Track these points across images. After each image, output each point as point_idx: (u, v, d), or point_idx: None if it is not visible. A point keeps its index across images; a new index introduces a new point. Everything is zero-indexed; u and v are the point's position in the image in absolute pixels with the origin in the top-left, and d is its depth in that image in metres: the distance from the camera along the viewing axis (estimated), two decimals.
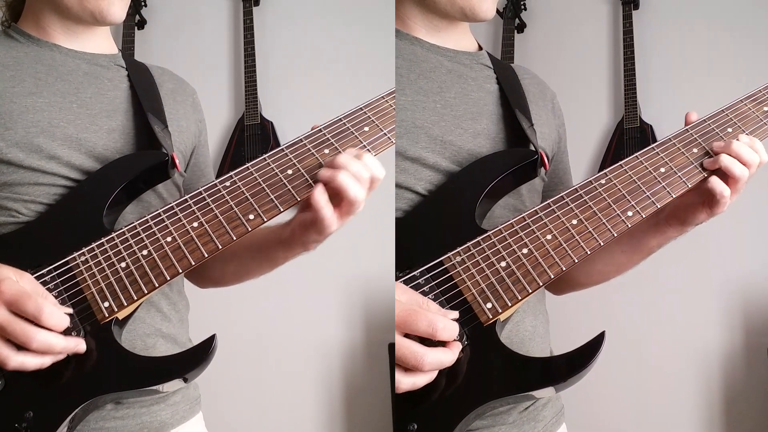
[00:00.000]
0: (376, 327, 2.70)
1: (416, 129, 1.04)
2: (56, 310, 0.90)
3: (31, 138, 1.02)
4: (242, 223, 0.98)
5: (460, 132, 1.07)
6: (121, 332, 0.96)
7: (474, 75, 1.14)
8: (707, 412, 2.60)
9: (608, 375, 2.57)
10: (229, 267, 1.21)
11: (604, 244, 0.97)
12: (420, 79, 1.08)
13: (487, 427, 1.00)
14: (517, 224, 0.99)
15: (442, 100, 1.08)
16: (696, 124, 1.06)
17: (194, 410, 1.15)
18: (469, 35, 1.18)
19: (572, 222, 0.98)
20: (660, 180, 1.01)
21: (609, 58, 2.89)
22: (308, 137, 1.04)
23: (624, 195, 1.00)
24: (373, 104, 1.06)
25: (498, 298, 0.93)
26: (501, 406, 0.97)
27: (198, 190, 1.02)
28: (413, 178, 1.03)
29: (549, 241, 0.97)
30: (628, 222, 0.98)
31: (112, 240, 0.98)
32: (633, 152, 1.05)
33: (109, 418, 1.01)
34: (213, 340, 0.94)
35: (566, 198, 1.00)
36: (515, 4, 2.92)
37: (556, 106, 1.24)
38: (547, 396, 1.07)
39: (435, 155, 1.04)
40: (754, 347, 2.56)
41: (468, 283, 0.94)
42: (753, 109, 1.08)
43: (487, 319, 0.93)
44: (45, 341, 0.88)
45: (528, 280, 0.95)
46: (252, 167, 1.02)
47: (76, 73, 1.11)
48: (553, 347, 1.15)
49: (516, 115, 1.11)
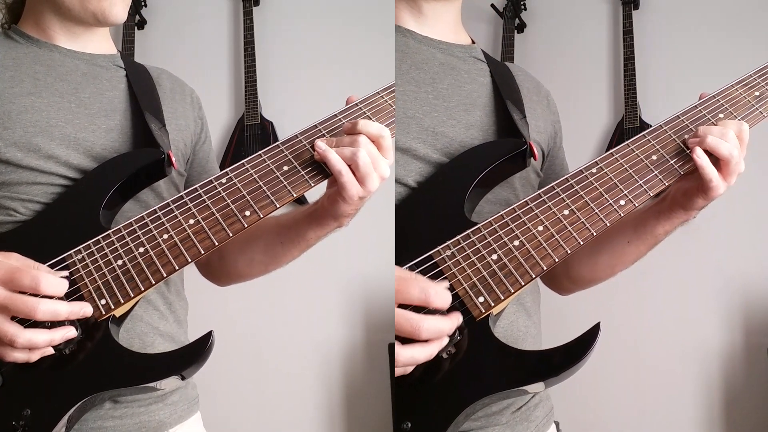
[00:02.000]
0: (376, 327, 2.70)
1: (407, 119, 1.03)
2: (52, 276, 0.90)
3: (29, 137, 1.02)
4: (238, 219, 0.98)
5: (453, 123, 1.06)
6: (118, 330, 0.97)
7: (467, 68, 1.13)
8: (707, 412, 2.60)
9: (608, 375, 2.57)
10: (256, 255, 1.18)
11: (597, 234, 0.95)
12: (412, 69, 1.08)
13: (481, 428, 0.99)
14: (508, 216, 0.96)
15: (435, 91, 1.08)
16: (687, 110, 1.04)
17: (192, 410, 1.15)
18: (461, 30, 1.18)
19: (564, 212, 0.96)
20: (652, 168, 0.99)
21: (609, 58, 2.89)
22: (303, 133, 1.04)
23: (616, 184, 0.97)
24: (368, 100, 1.06)
25: (490, 292, 0.91)
26: (495, 402, 0.95)
27: (194, 186, 1.02)
28: (403, 169, 1.02)
29: (541, 233, 0.94)
30: (620, 211, 0.96)
31: (109, 237, 0.98)
32: None
33: (107, 417, 1.01)
34: (210, 337, 0.94)
35: (557, 188, 0.98)
36: (515, 4, 2.92)
37: (551, 102, 1.23)
38: (539, 391, 1.05)
39: (426, 146, 1.04)
40: (754, 347, 2.56)
41: (459, 277, 0.92)
42: (744, 94, 1.06)
43: (480, 313, 0.90)
44: (49, 309, 0.88)
45: (520, 273, 0.92)
46: (248, 163, 1.02)
47: (74, 74, 1.12)
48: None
49: (507, 106, 1.09)
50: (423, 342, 0.85)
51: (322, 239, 1.10)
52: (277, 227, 1.12)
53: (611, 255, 1.13)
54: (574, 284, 1.22)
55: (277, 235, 1.13)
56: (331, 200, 1.01)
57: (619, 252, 1.12)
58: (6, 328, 0.87)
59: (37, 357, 0.90)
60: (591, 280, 1.19)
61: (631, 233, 1.09)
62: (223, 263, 1.22)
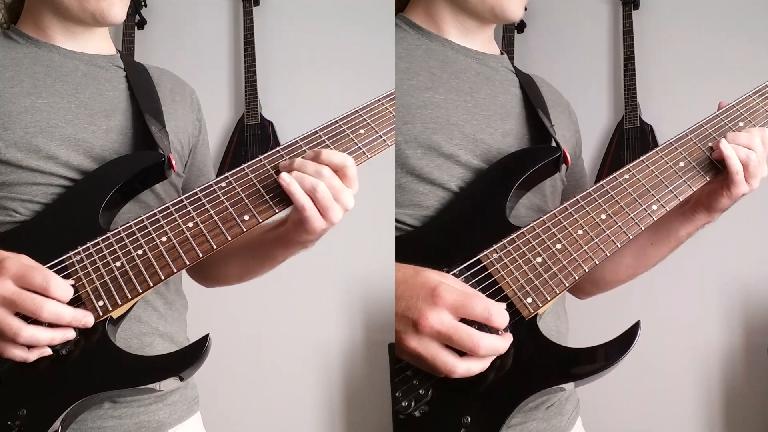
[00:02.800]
0: (376, 327, 2.70)
1: (450, 126, 1.06)
2: (62, 281, 0.92)
3: (29, 138, 1.02)
4: (237, 223, 0.98)
5: (491, 131, 1.09)
6: (116, 331, 0.97)
7: (500, 78, 1.17)
8: (707, 412, 2.60)
9: (608, 375, 2.56)
10: (231, 268, 1.21)
11: (633, 237, 1.00)
12: (452, 79, 1.11)
13: (520, 423, 1.03)
14: (549, 221, 1.01)
15: (473, 100, 1.11)
16: (709, 119, 1.10)
17: (192, 410, 1.15)
18: (493, 40, 1.21)
19: (601, 217, 1.01)
20: (681, 174, 1.04)
21: (609, 58, 2.89)
22: (304, 139, 1.04)
23: (648, 189, 1.03)
24: (369, 107, 1.07)
25: (537, 293, 0.96)
26: (535, 400, 0.99)
27: (194, 190, 1.02)
28: (446, 174, 1.05)
29: (581, 236, 1.00)
30: (653, 215, 1.01)
31: (108, 239, 0.98)
32: (633, 152, 1.08)
33: (107, 417, 1.02)
34: (207, 340, 0.94)
35: (593, 194, 1.04)
36: None
37: (572, 112, 1.28)
38: (570, 389, 1.08)
39: (467, 153, 1.06)
40: (754, 347, 2.56)
41: (507, 279, 0.97)
42: (761, 103, 1.12)
43: (529, 313, 0.95)
44: (55, 310, 0.89)
45: (564, 275, 0.97)
46: (247, 168, 1.02)
47: (74, 74, 1.12)
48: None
49: (539, 115, 1.14)
50: (480, 357, 0.90)
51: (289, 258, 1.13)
52: (249, 243, 1.12)
53: (634, 257, 1.18)
54: (595, 287, 1.26)
55: (248, 250, 1.15)
56: (296, 227, 1.02)
57: (642, 254, 1.17)
58: (10, 321, 0.88)
59: (35, 356, 0.90)
60: (612, 281, 1.24)
61: (654, 236, 1.14)
62: (203, 269, 1.24)
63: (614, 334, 0.95)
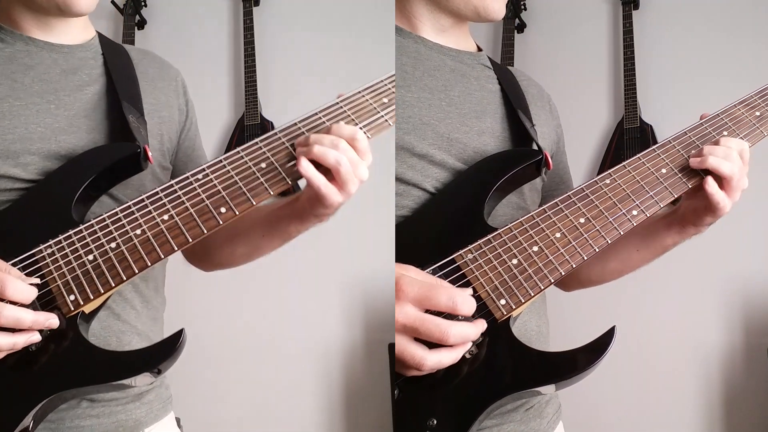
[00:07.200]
0: (376, 327, 2.70)
1: (423, 126, 1.05)
2: (20, 282, 0.88)
3: (7, 145, 1.00)
4: (213, 216, 0.97)
5: (466, 130, 1.08)
6: (88, 327, 0.95)
7: (476, 75, 1.15)
8: (707, 412, 2.60)
9: (608, 375, 2.56)
10: (238, 248, 1.18)
11: (611, 242, 0.99)
12: (425, 76, 1.09)
13: (497, 425, 1.01)
14: (527, 222, 1.00)
15: (447, 98, 1.09)
16: (693, 127, 1.09)
17: (167, 409, 1.14)
18: (469, 37, 1.19)
19: (580, 220, 1.00)
20: (662, 180, 1.04)
21: (609, 58, 2.89)
22: (282, 131, 1.03)
23: (629, 194, 1.03)
24: (349, 99, 1.06)
25: (511, 295, 0.95)
26: (512, 402, 0.98)
27: (169, 182, 1.00)
28: (420, 175, 1.04)
29: (558, 239, 0.99)
30: (633, 221, 1.01)
31: (80, 233, 0.96)
32: (633, 152, 1.07)
33: (84, 416, 1.01)
34: (181, 335, 0.92)
35: (573, 197, 1.03)
36: (515, 4, 2.92)
37: (553, 107, 1.25)
38: (549, 393, 1.08)
39: (442, 152, 1.05)
40: (754, 347, 2.56)
41: (481, 280, 0.96)
42: (746, 113, 1.11)
43: (502, 315, 0.94)
44: (12, 315, 0.85)
45: (539, 277, 0.96)
46: (225, 160, 1.01)
47: (53, 71, 1.09)
48: (552, 347, 1.15)
49: (518, 114, 1.12)
50: (450, 347, 0.88)
51: (303, 233, 1.10)
52: (259, 221, 1.11)
53: (620, 261, 1.18)
54: (582, 285, 1.26)
55: (259, 228, 1.12)
56: (311, 203, 1.01)
57: (627, 259, 1.17)
58: None
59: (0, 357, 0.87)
60: (598, 281, 1.24)
61: (641, 242, 1.14)
62: (206, 253, 1.21)
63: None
